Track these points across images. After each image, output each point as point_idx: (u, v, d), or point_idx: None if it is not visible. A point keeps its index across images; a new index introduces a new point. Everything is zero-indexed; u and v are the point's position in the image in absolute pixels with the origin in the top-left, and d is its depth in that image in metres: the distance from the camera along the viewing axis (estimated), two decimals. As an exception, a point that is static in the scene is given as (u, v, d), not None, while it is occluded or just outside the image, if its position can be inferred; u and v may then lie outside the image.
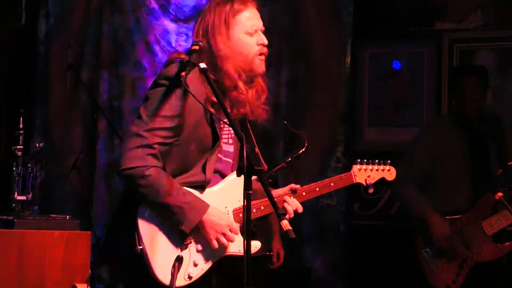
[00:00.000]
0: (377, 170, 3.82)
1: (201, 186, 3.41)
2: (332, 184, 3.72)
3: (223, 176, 3.51)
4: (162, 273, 3.30)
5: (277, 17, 6.83)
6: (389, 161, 3.87)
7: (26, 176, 4.79)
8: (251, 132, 3.58)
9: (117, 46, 7.03)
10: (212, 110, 3.35)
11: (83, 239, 4.10)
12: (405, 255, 5.37)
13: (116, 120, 6.70)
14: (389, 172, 3.86)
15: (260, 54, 3.62)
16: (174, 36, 6.92)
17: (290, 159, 4.95)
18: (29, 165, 4.83)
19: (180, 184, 3.36)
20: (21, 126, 4.80)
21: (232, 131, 3.47)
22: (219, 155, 3.46)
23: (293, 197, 3.62)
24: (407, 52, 6.80)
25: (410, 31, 6.76)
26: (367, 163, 3.80)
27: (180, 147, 3.37)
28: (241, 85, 3.54)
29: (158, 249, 3.32)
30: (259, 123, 3.79)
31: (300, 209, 3.61)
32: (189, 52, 3.39)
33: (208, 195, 3.42)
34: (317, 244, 6.66)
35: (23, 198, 4.65)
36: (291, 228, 3.05)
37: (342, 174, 3.77)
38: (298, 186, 3.66)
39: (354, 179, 3.76)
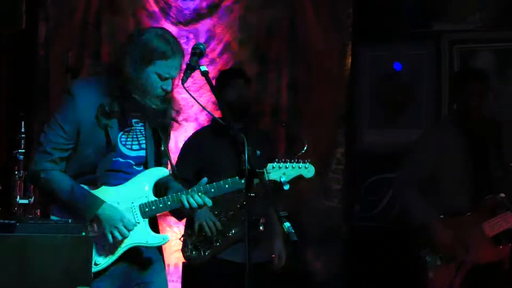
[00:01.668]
0: (293, 167, 3.86)
1: (94, 183, 3.73)
2: (242, 181, 3.72)
3: (124, 174, 3.79)
4: None
5: (277, 20, 6.84)
6: (309, 160, 3.91)
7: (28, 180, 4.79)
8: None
9: (117, 49, 7.02)
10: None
11: (85, 243, 4.09)
12: (406, 257, 5.37)
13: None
14: (306, 169, 3.90)
15: (159, 96, 3.70)
16: (175, 39, 6.92)
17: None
18: (30, 169, 4.83)
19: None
20: (22, 130, 4.80)
21: (139, 138, 3.78)
22: (117, 158, 3.73)
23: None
24: (407, 53, 6.80)
25: (409, 32, 6.77)
26: (284, 161, 3.84)
27: (77, 152, 3.72)
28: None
29: None
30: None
31: (209, 204, 3.74)
32: (190, 55, 3.56)
33: (107, 192, 3.74)
34: (318, 246, 6.66)
35: (25, 202, 4.66)
36: (293, 231, 3.07)
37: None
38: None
39: (267, 176, 3.81)
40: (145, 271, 3.83)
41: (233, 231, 5.14)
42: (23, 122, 4.80)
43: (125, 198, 3.74)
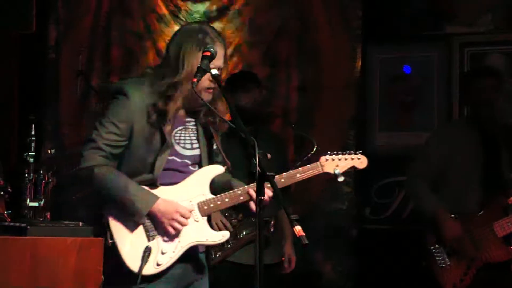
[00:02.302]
0: (346, 159, 3.90)
1: (153, 184, 3.69)
2: (298, 175, 3.84)
3: (180, 173, 3.76)
4: (133, 263, 3.61)
5: (287, 22, 6.85)
6: (360, 151, 3.94)
7: (38, 182, 4.80)
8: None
9: (127, 52, 7.04)
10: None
11: (96, 246, 4.09)
12: (416, 260, 5.36)
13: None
14: (359, 161, 3.93)
15: (208, 89, 3.71)
16: (184, 42, 6.93)
17: (299, 163, 4.96)
18: (41, 172, 4.84)
19: None
20: (32, 132, 4.81)
21: (192, 137, 3.78)
22: (172, 157, 3.71)
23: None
24: (417, 56, 6.79)
25: (420, 35, 6.76)
26: (337, 154, 3.89)
27: (131, 151, 3.68)
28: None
29: (127, 241, 3.64)
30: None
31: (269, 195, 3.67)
32: (201, 58, 3.55)
33: (165, 192, 3.70)
34: (328, 249, 6.66)
35: (35, 204, 4.66)
36: (304, 234, 3.07)
37: (309, 164, 3.88)
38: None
39: (321, 169, 3.88)
40: (195, 271, 3.82)
41: (244, 233, 5.15)
42: (33, 125, 4.80)
43: (183, 197, 3.71)
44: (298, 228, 3.09)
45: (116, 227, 3.66)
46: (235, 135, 3.64)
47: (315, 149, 5.11)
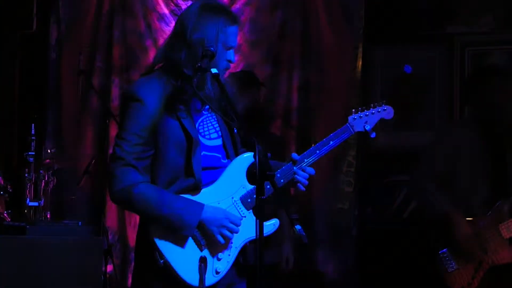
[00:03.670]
0: (373, 113, 3.84)
1: (195, 188, 3.51)
2: (331, 143, 3.75)
3: (214, 170, 3.59)
4: (191, 277, 3.45)
5: (289, 22, 6.84)
6: (384, 101, 3.87)
7: (38, 182, 4.80)
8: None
9: (128, 52, 7.04)
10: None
11: (95, 245, 4.11)
12: (418, 259, 5.35)
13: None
14: (385, 111, 3.88)
15: (225, 69, 3.65)
16: (185, 41, 6.92)
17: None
18: (41, 171, 4.84)
19: (174, 192, 3.49)
20: (33, 132, 4.81)
21: (215, 125, 3.61)
22: (203, 152, 3.55)
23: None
24: (419, 55, 6.78)
25: (421, 35, 6.75)
26: (362, 110, 3.81)
27: (160, 156, 3.49)
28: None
29: (179, 257, 3.45)
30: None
31: (313, 172, 3.66)
32: (201, 57, 3.48)
33: (207, 194, 3.53)
34: (329, 248, 6.65)
35: (35, 204, 4.66)
36: (304, 233, 3.06)
37: (339, 129, 3.78)
38: (296, 154, 3.69)
39: (352, 130, 3.80)
40: (237, 274, 3.68)
41: None
42: (33, 125, 4.80)
43: (224, 195, 3.56)
44: (298, 228, 3.07)
45: (164, 245, 3.45)
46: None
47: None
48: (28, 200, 4.67)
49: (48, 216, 4.78)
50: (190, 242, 3.48)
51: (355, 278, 6.60)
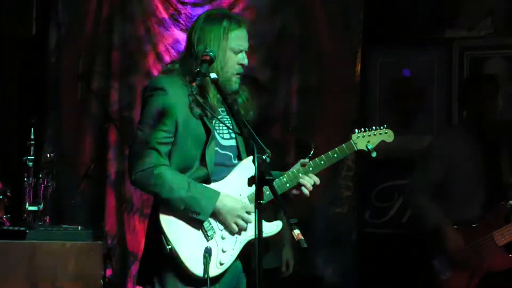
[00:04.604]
0: (375, 134, 3.97)
1: (206, 180, 3.65)
2: (335, 156, 3.88)
3: (225, 167, 3.71)
4: (194, 266, 3.55)
5: (288, 25, 6.84)
6: (385, 125, 4.04)
7: (37, 186, 4.79)
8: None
9: (128, 56, 7.04)
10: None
11: (95, 250, 4.10)
12: (416, 264, 5.36)
13: (126, 130, 6.69)
14: (386, 134, 4.03)
15: (237, 74, 3.75)
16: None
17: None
18: (40, 175, 4.83)
19: None
20: (32, 136, 4.80)
21: (230, 127, 3.74)
22: (216, 148, 3.68)
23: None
24: (417, 59, 6.78)
25: (420, 39, 6.75)
26: (365, 130, 3.95)
27: (178, 145, 3.62)
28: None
29: (186, 244, 3.56)
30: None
31: (318, 181, 3.80)
32: (200, 62, 3.56)
33: (217, 187, 3.65)
34: (328, 253, 6.65)
35: (35, 208, 4.65)
36: (303, 237, 3.07)
37: (343, 144, 3.91)
38: (307, 160, 3.84)
39: (355, 147, 3.93)
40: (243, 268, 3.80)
41: None
42: (32, 129, 4.80)
43: (233, 192, 3.67)
44: (297, 232, 3.08)
45: (172, 231, 3.57)
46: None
47: (312, 152, 5.09)
48: (27, 204, 4.66)
49: (47, 221, 4.77)
50: (198, 232, 3.60)
51: (354, 282, 6.60)
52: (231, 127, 3.74)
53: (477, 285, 5.06)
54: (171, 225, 3.57)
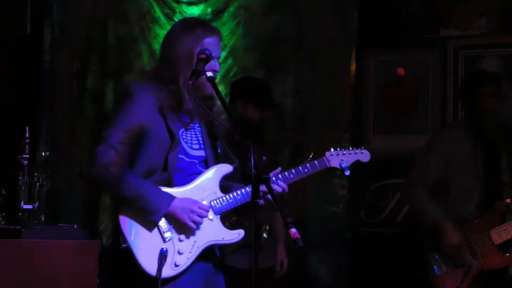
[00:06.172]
0: (350, 154, 4.01)
1: (168, 184, 3.70)
2: (305, 170, 3.90)
3: (191, 175, 3.77)
4: (149, 266, 3.59)
5: (283, 26, 6.85)
6: (362, 146, 4.08)
7: (32, 185, 4.78)
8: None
9: (122, 55, 7.04)
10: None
11: (91, 248, 4.10)
12: (411, 262, 5.36)
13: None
14: (362, 155, 4.07)
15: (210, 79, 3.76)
16: (179, 44, 6.92)
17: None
18: (35, 174, 4.83)
19: None
20: (27, 135, 4.80)
21: (199, 138, 3.81)
22: (182, 156, 3.74)
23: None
24: (412, 59, 6.80)
25: (415, 38, 6.77)
26: (340, 149, 3.99)
27: (142, 149, 3.68)
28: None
29: (142, 244, 3.61)
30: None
31: (286, 189, 3.83)
32: (196, 61, 3.60)
33: (178, 192, 3.70)
34: (323, 252, 6.66)
35: (30, 207, 4.65)
36: (299, 236, 3.08)
37: (315, 160, 3.95)
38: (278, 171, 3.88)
39: (327, 164, 3.96)
40: (213, 273, 3.84)
41: None
42: (27, 128, 4.79)
43: (196, 197, 3.71)
44: (293, 231, 3.09)
45: (129, 230, 3.63)
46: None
47: (311, 156, 5.10)
48: (22, 203, 4.65)
49: (43, 219, 4.77)
50: (155, 232, 3.64)
51: (348, 281, 6.61)
52: (201, 137, 3.80)
53: (471, 283, 5.07)
54: (129, 224, 3.63)
